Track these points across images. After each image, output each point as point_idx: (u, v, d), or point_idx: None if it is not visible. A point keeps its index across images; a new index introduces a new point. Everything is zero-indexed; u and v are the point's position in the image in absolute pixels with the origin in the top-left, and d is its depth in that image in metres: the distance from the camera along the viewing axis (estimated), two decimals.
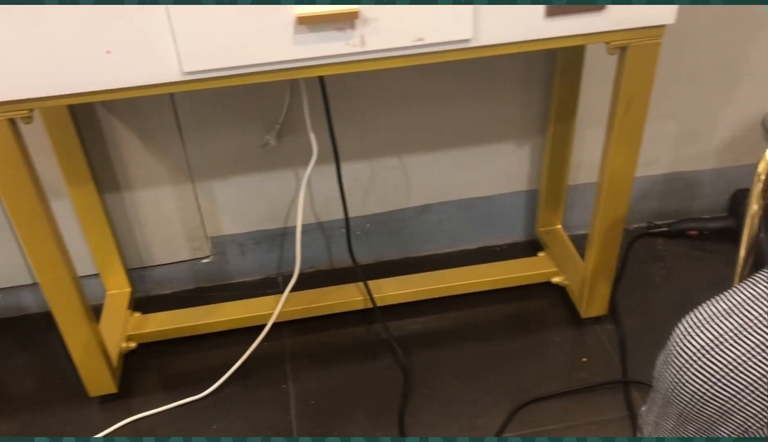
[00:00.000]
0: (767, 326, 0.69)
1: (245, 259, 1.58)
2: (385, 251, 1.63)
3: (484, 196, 1.60)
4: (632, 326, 1.45)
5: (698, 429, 0.74)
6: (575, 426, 1.27)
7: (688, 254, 1.63)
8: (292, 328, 1.49)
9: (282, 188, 1.48)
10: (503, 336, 1.45)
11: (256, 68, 0.93)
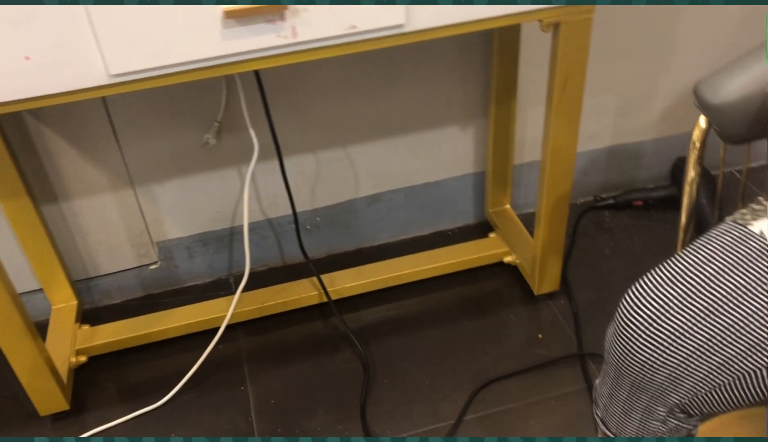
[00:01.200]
0: (710, 290, 0.70)
1: (194, 262, 1.55)
2: (337, 243, 1.62)
3: (433, 182, 1.59)
4: (585, 299, 1.48)
5: (650, 397, 0.75)
6: (535, 402, 1.28)
7: (635, 224, 1.66)
8: (247, 328, 1.47)
9: (226, 187, 1.46)
10: (460, 319, 1.46)
11: (187, 66, 0.91)
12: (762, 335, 0.68)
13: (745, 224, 0.74)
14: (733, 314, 0.69)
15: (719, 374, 0.71)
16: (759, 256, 0.70)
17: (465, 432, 1.23)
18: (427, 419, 1.26)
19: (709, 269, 0.71)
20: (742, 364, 0.70)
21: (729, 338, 0.69)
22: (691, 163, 0.92)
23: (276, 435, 1.26)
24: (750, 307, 0.68)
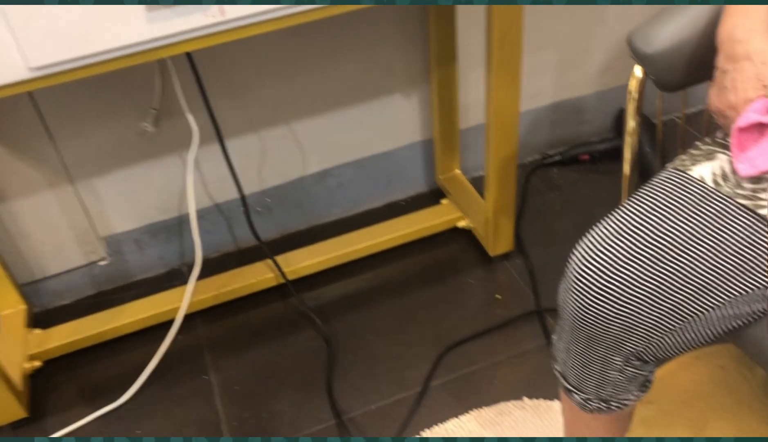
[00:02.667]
0: (656, 239, 0.71)
1: (144, 254, 1.51)
2: (290, 223, 1.60)
3: (381, 153, 1.58)
4: (539, 257, 1.49)
5: (606, 348, 0.76)
6: (498, 362, 1.30)
7: (583, 178, 1.69)
8: (205, 317, 1.45)
9: (169, 175, 1.42)
10: (419, 288, 1.46)
11: (113, 54, 0.87)
12: (709, 277, 0.70)
13: (684, 170, 0.75)
14: (680, 260, 0.70)
15: (671, 319, 0.72)
16: (701, 200, 0.71)
17: (432, 398, 1.25)
18: (394, 389, 1.27)
19: (655, 217, 0.72)
20: (691, 307, 0.71)
21: (678, 284, 0.70)
22: (630, 113, 0.93)
23: (243, 421, 1.25)
24: (696, 251, 0.70)
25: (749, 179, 0.70)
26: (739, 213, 0.70)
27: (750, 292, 0.70)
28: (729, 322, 0.72)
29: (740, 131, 0.69)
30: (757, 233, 0.69)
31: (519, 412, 1.19)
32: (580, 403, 0.84)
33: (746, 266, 0.69)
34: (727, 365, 1.21)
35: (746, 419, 1.13)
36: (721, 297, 0.70)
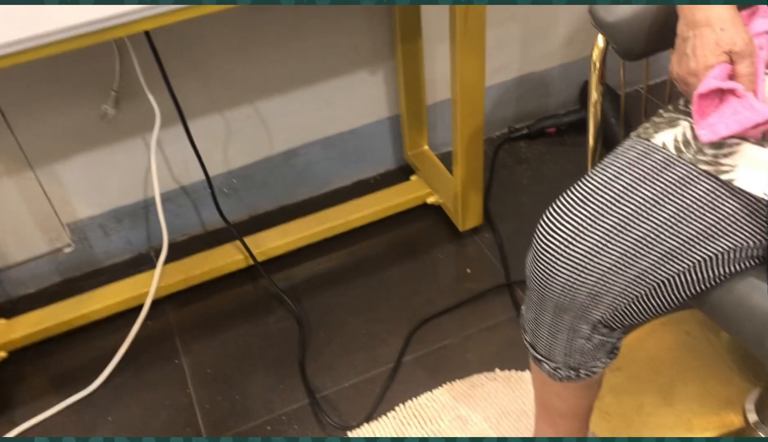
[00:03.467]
0: (620, 206, 0.71)
1: (110, 240, 1.49)
2: (258, 204, 1.58)
3: (349, 130, 1.57)
4: (508, 230, 1.50)
5: (574, 317, 0.77)
6: (470, 335, 1.30)
7: (550, 150, 1.69)
8: (174, 301, 1.43)
9: (133, 159, 1.39)
10: (390, 265, 1.46)
11: (65, 34, 0.85)
12: (673, 243, 0.70)
13: (648, 138, 0.76)
14: (644, 226, 0.71)
15: (636, 286, 0.73)
16: (664, 167, 0.72)
17: (405, 373, 1.25)
18: (367, 366, 1.27)
19: (618, 186, 0.72)
20: (656, 273, 0.72)
21: (642, 250, 0.71)
22: (594, 83, 0.93)
23: (216, 403, 1.24)
24: (659, 218, 0.70)
25: (710, 145, 0.71)
26: (701, 179, 0.70)
27: (713, 256, 0.71)
28: (693, 287, 0.73)
29: (701, 98, 0.70)
30: (719, 198, 0.70)
31: (491, 384, 1.20)
32: (549, 372, 0.85)
33: (709, 231, 0.70)
34: (692, 330, 1.24)
35: (711, 380, 1.16)
36: (685, 262, 0.71)
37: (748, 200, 0.69)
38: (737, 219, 0.70)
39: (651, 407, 1.13)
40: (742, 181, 0.68)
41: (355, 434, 1.15)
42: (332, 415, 1.20)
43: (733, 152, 0.69)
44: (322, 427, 1.19)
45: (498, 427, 1.13)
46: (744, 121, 0.67)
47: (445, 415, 1.16)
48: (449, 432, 1.13)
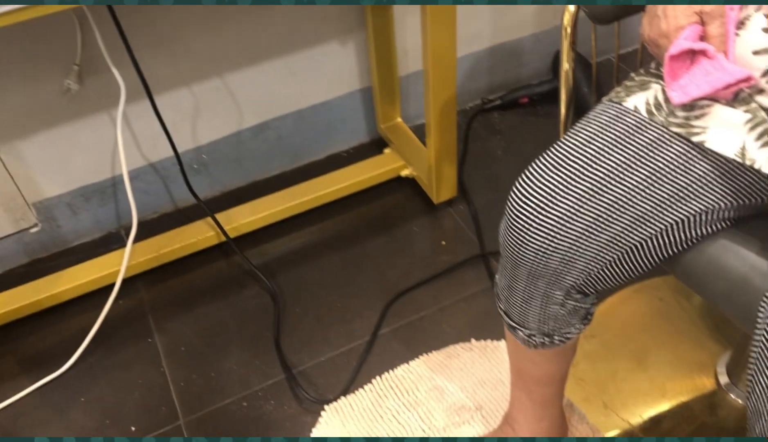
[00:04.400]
0: (592, 171, 0.71)
1: (79, 219, 1.45)
2: (229, 180, 1.56)
3: (320, 103, 1.55)
4: (482, 202, 1.50)
5: (547, 283, 0.77)
6: (446, 307, 1.30)
7: (523, 121, 1.69)
8: (146, 279, 1.41)
9: (99, 135, 1.36)
10: (364, 239, 1.45)
11: (17, 3, 0.81)
12: (645, 206, 0.70)
13: (620, 102, 0.75)
14: (616, 191, 0.70)
15: (609, 251, 0.73)
16: (635, 131, 0.72)
17: (381, 346, 1.25)
18: (343, 340, 1.27)
19: (590, 150, 0.72)
20: (629, 237, 0.72)
21: (614, 215, 0.71)
22: (565, 50, 0.92)
23: (191, 381, 1.23)
24: (631, 181, 0.70)
25: (682, 107, 0.70)
26: (672, 141, 0.70)
27: (684, 219, 0.71)
28: (665, 250, 0.73)
29: (672, 59, 0.69)
30: (690, 161, 0.70)
31: (467, 354, 1.20)
32: (523, 339, 0.85)
33: (681, 194, 0.70)
34: (666, 296, 1.25)
35: (683, 345, 1.17)
36: (657, 226, 0.71)
37: (719, 162, 0.69)
38: (708, 181, 0.70)
39: (625, 372, 1.14)
40: (713, 142, 0.68)
41: (333, 407, 1.15)
42: (309, 389, 1.19)
43: (704, 114, 0.69)
44: (299, 401, 1.18)
45: (474, 396, 1.13)
46: (715, 82, 0.66)
47: (422, 386, 1.16)
48: (426, 402, 1.13)
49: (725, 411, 1.08)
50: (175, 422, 1.17)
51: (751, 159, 0.65)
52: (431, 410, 1.12)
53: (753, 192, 0.70)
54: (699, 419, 1.08)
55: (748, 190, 0.70)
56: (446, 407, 1.12)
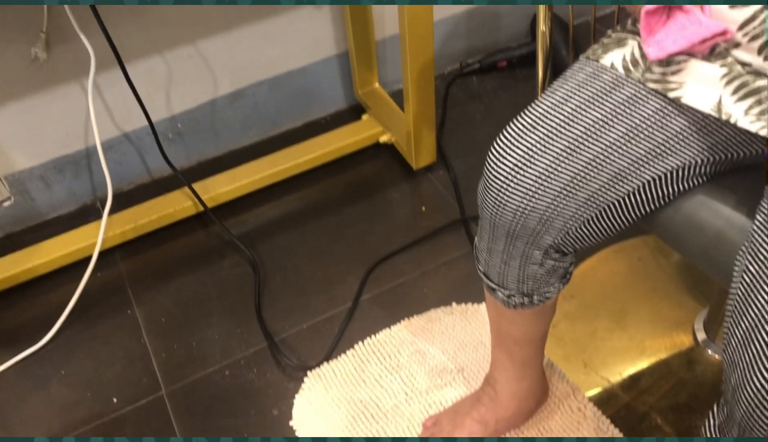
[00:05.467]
0: (570, 129, 0.70)
1: (53, 191, 1.43)
2: (205, 149, 1.54)
3: (296, 69, 1.53)
4: (462, 166, 1.49)
5: (526, 243, 0.77)
6: (426, 272, 1.30)
7: (502, 85, 1.68)
8: (124, 251, 1.39)
9: (70, 105, 1.33)
10: (344, 206, 1.45)
11: None
12: (622, 163, 0.70)
13: (597, 59, 0.74)
14: (594, 149, 0.70)
15: (587, 209, 0.73)
16: (612, 88, 0.71)
17: (363, 312, 1.25)
18: (325, 307, 1.27)
19: (567, 109, 0.71)
20: (607, 195, 0.72)
21: (592, 173, 0.71)
22: (542, 12, 0.91)
23: (172, 352, 1.22)
24: (608, 139, 0.70)
25: (658, 63, 0.70)
26: (649, 97, 0.70)
27: (662, 175, 0.71)
28: (643, 207, 0.73)
29: (648, 15, 0.68)
30: (667, 116, 0.69)
31: (448, 318, 1.21)
32: (503, 300, 0.85)
33: (658, 150, 0.70)
34: (644, 256, 1.26)
35: (662, 303, 1.18)
36: (635, 182, 0.71)
37: (696, 117, 0.69)
38: (685, 137, 0.69)
39: (604, 331, 1.15)
40: (690, 97, 0.67)
41: (315, 373, 1.15)
42: (291, 356, 1.19)
43: (680, 69, 0.68)
44: (282, 369, 1.18)
45: (456, 359, 1.14)
46: (691, 36, 0.66)
47: (404, 350, 1.16)
48: (408, 366, 1.14)
49: (702, 367, 1.10)
50: (157, 392, 1.17)
51: (727, 113, 0.65)
52: (413, 373, 1.13)
53: (729, 147, 0.70)
54: (677, 375, 1.09)
55: (725, 145, 0.70)
56: (428, 370, 1.13)
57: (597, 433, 1.03)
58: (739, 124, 0.64)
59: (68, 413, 1.16)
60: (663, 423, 1.04)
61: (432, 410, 1.08)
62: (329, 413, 1.10)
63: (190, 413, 1.14)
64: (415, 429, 1.06)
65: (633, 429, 1.04)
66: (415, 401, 1.10)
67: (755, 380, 0.56)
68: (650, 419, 1.05)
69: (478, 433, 0.99)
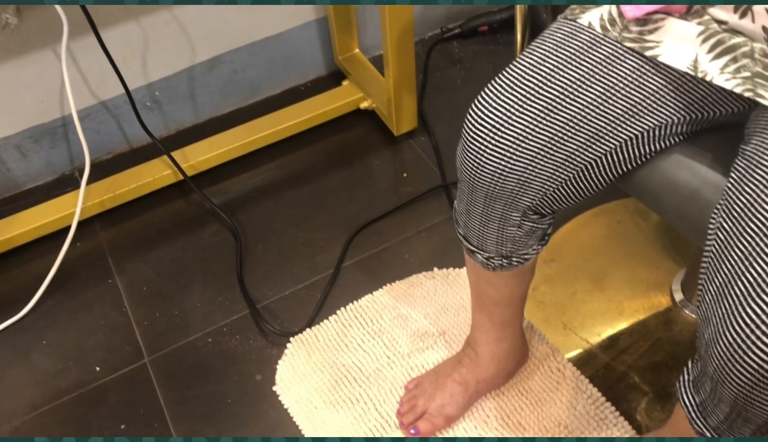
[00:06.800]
0: (548, 89, 0.70)
1: (29, 161, 1.41)
2: (184, 117, 1.52)
3: (274, 35, 1.51)
4: (443, 132, 1.49)
5: (504, 205, 0.77)
6: (408, 237, 1.31)
7: (483, 49, 1.67)
8: (104, 221, 1.38)
9: (44, 72, 1.31)
10: (325, 173, 1.44)
11: None
12: (600, 123, 0.70)
13: (574, 18, 0.74)
14: (571, 108, 0.70)
15: (564, 170, 0.73)
16: (590, 47, 0.71)
17: (345, 278, 1.25)
18: (307, 273, 1.27)
19: (545, 68, 0.71)
20: (584, 155, 0.72)
21: (570, 133, 0.71)
22: None
23: (154, 320, 1.22)
24: (586, 98, 0.70)
25: (636, 22, 0.70)
26: (626, 56, 0.70)
27: (639, 134, 0.71)
28: (620, 166, 0.74)
29: None
30: (644, 75, 0.69)
31: (430, 282, 1.21)
32: (482, 262, 0.86)
33: (635, 109, 0.70)
34: (624, 219, 1.27)
35: (640, 265, 1.20)
36: (612, 142, 0.71)
37: (673, 76, 0.69)
38: (662, 96, 0.70)
39: (583, 293, 1.17)
40: (667, 56, 0.67)
41: (298, 339, 1.16)
42: (274, 323, 1.20)
43: (657, 28, 0.68)
44: (265, 335, 1.19)
45: (437, 322, 1.15)
46: None
47: (386, 314, 1.17)
48: (390, 330, 1.15)
49: (680, 326, 1.11)
50: (140, 360, 1.17)
51: (703, 71, 0.65)
52: (395, 337, 1.14)
53: (706, 105, 0.70)
54: (655, 335, 1.11)
55: (701, 103, 0.70)
56: (410, 334, 1.14)
57: (576, 393, 1.05)
58: (715, 82, 0.64)
59: (51, 383, 1.16)
60: (641, 382, 1.06)
61: (414, 372, 1.09)
62: (312, 377, 1.11)
63: (173, 380, 1.14)
64: (397, 392, 1.07)
65: (611, 389, 1.06)
66: (397, 364, 1.11)
67: (727, 334, 0.57)
68: (628, 378, 1.07)
69: (459, 394, 1.01)
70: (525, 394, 1.05)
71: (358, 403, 1.07)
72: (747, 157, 0.62)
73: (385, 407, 1.06)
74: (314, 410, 1.07)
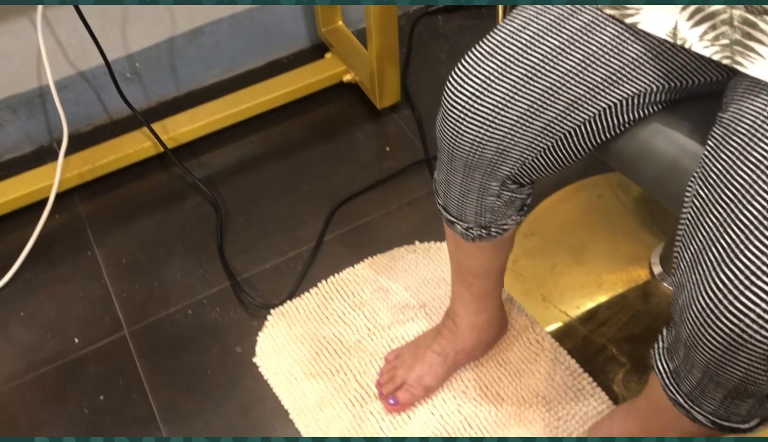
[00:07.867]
0: (527, 57, 0.70)
1: (6, 132, 1.39)
2: (164, 89, 1.50)
3: (257, 7, 1.49)
4: (426, 106, 1.48)
5: (483, 174, 0.77)
6: (390, 211, 1.31)
7: (467, 24, 1.66)
8: (83, 193, 1.37)
9: (20, 41, 1.28)
10: (307, 146, 1.43)
11: None
12: (579, 91, 0.70)
13: None
14: (550, 77, 0.70)
15: (543, 138, 0.73)
16: (570, 14, 0.70)
17: (327, 251, 1.25)
18: (288, 247, 1.26)
19: (524, 36, 0.71)
20: (563, 123, 0.72)
21: (549, 100, 0.70)
22: None
23: (134, 292, 1.21)
24: (565, 66, 0.69)
25: None
26: (606, 24, 0.69)
27: (617, 103, 0.71)
28: (598, 135, 0.73)
29: None
30: (623, 43, 0.69)
31: (411, 255, 1.21)
32: (462, 233, 0.86)
33: (615, 77, 0.70)
34: (605, 193, 1.27)
35: (620, 239, 1.20)
36: (591, 110, 0.71)
37: (652, 43, 0.69)
38: (641, 63, 0.69)
39: (563, 266, 1.17)
40: (646, 23, 0.67)
41: (279, 311, 1.16)
42: (254, 295, 1.19)
43: None
44: (245, 307, 1.18)
45: (418, 295, 1.15)
46: None
47: (367, 287, 1.17)
48: (371, 303, 1.15)
49: (658, 299, 1.12)
50: (119, 332, 1.17)
51: (682, 39, 0.65)
52: (376, 310, 1.14)
53: (685, 73, 0.70)
54: (633, 308, 1.12)
55: (680, 71, 0.70)
56: (391, 306, 1.14)
57: (554, 364, 1.05)
58: (694, 49, 0.64)
59: (29, 354, 1.15)
60: (618, 354, 1.07)
61: (394, 344, 1.10)
62: (293, 349, 1.11)
63: (153, 352, 1.14)
64: (377, 363, 1.08)
65: (589, 360, 1.07)
66: (377, 336, 1.11)
67: (701, 299, 0.58)
68: (606, 350, 1.08)
69: (438, 365, 1.01)
70: (503, 365, 1.06)
71: (338, 374, 1.07)
72: (724, 124, 0.62)
73: (365, 377, 1.06)
74: (294, 381, 1.07)
